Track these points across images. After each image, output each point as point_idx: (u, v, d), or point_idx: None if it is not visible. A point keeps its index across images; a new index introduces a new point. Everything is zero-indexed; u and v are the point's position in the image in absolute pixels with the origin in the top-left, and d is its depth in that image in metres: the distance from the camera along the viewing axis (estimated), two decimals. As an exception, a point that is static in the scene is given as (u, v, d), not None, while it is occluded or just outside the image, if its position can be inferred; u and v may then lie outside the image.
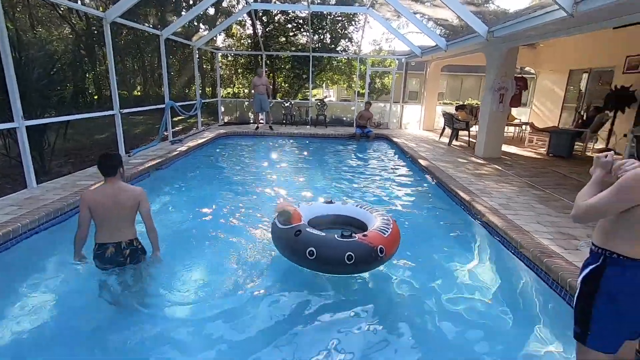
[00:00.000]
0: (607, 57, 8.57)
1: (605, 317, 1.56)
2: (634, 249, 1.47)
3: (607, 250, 1.53)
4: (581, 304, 1.62)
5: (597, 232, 1.61)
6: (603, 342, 1.58)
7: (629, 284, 1.50)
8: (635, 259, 1.47)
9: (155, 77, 19.23)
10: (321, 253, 2.74)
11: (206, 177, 6.37)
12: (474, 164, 6.95)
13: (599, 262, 1.55)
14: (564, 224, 3.85)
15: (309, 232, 2.89)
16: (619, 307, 1.53)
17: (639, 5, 3.74)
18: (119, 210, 2.61)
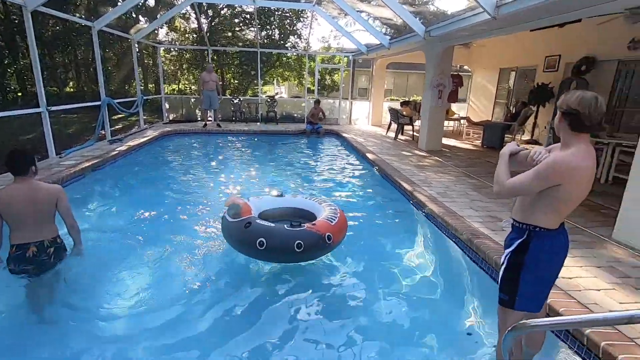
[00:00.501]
0: (530, 57, 9.47)
1: (531, 281, 1.78)
2: (550, 221, 1.71)
3: (530, 224, 1.75)
4: (509, 274, 1.82)
5: (518, 210, 1.82)
6: (530, 304, 1.81)
7: (548, 251, 1.74)
8: (551, 229, 1.72)
9: (90, 72, 17.80)
10: (271, 243, 2.84)
11: (149, 177, 6.06)
12: (417, 156, 7.35)
13: (525, 236, 1.77)
14: (493, 208, 4.23)
15: (259, 224, 2.97)
16: (542, 272, 1.78)
17: (552, 10, 4.19)
18: (37, 208, 2.48)
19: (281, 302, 2.76)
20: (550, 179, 1.61)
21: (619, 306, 2.39)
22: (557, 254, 1.77)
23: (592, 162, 1.61)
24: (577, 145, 1.61)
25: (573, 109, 1.58)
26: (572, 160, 1.57)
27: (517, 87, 10.41)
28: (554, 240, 1.74)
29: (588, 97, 1.56)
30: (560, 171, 1.59)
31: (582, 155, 1.59)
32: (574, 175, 1.58)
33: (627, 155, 5.25)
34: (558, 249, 1.76)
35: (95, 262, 3.16)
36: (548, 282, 1.81)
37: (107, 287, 2.86)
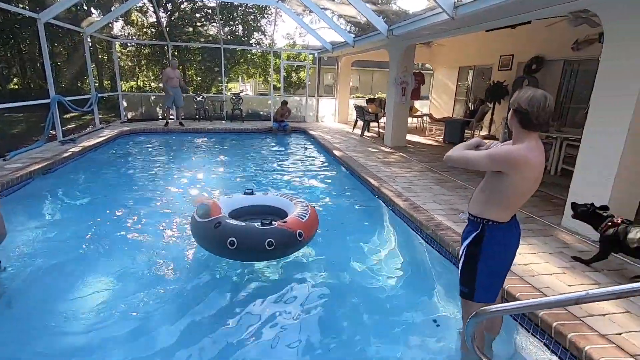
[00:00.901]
0: (486, 56, 9.95)
1: (487, 273, 1.86)
2: (501, 214, 1.80)
3: (484, 218, 1.82)
4: (467, 267, 1.90)
5: (473, 205, 1.90)
6: (487, 295, 1.88)
7: (500, 243, 1.83)
8: (502, 222, 1.80)
9: (37, 67, 16.53)
10: (242, 242, 2.81)
11: (107, 179, 5.73)
12: (383, 152, 7.51)
13: (479, 229, 1.84)
14: (455, 201, 4.42)
15: (229, 223, 2.93)
16: (496, 264, 1.86)
17: (505, 11, 4.43)
18: None
19: (251, 301, 2.74)
20: (500, 164, 1.70)
21: (568, 288, 2.58)
22: (509, 246, 1.86)
23: (541, 158, 1.70)
24: (528, 141, 1.69)
25: (523, 108, 1.66)
26: (524, 154, 1.66)
27: (475, 85, 10.90)
28: (506, 232, 1.82)
29: (538, 97, 1.64)
30: (511, 161, 1.67)
31: (532, 150, 1.68)
32: (523, 168, 1.66)
33: (573, 149, 5.66)
34: (509, 241, 1.85)
35: (47, 275, 2.97)
36: (502, 273, 1.91)
37: (62, 302, 2.65)
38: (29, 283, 2.86)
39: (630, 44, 3.10)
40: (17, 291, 2.76)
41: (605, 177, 3.31)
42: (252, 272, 3.14)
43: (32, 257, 3.21)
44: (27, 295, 2.72)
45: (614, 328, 2.14)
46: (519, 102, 1.67)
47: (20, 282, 2.86)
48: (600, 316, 2.24)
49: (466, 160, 1.81)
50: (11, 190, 4.56)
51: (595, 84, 3.41)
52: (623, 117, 3.15)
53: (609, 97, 3.29)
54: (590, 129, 3.48)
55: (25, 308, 2.57)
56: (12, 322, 2.43)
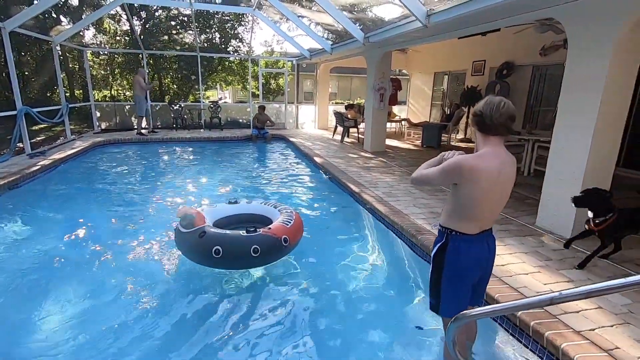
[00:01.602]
0: (460, 62, 10.25)
1: (452, 287, 1.81)
2: (464, 225, 1.76)
3: (448, 228, 1.80)
4: (433, 277, 1.86)
5: (442, 214, 1.88)
6: (452, 309, 1.80)
7: (463, 256, 1.77)
8: (467, 234, 1.76)
9: (3, 77, 15.82)
10: (227, 250, 2.83)
11: (80, 193, 5.51)
12: (363, 158, 7.57)
13: (443, 239, 1.82)
14: (434, 205, 4.49)
15: (214, 232, 2.95)
16: (458, 278, 1.80)
17: (473, 20, 4.58)
18: None
19: (233, 308, 2.70)
20: (450, 175, 1.70)
21: (543, 287, 2.66)
22: (473, 260, 1.78)
23: (493, 164, 1.65)
24: (485, 148, 1.68)
25: (478, 111, 1.68)
26: (470, 163, 1.64)
27: (451, 90, 11.20)
28: (471, 245, 1.76)
29: (493, 100, 1.66)
30: (457, 170, 1.66)
31: (482, 157, 1.66)
32: (470, 176, 1.64)
33: (544, 150, 5.88)
34: (475, 254, 1.78)
35: (15, 299, 2.81)
36: (466, 287, 1.83)
37: (29, 321, 2.53)
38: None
39: (592, 49, 3.26)
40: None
41: (575, 176, 3.45)
42: (235, 280, 3.11)
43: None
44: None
45: (588, 324, 2.21)
46: (476, 107, 1.71)
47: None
48: (574, 313, 2.31)
49: (426, 179, 1.82)
50: (-26, 207, 4.32)
51: (561, 89, 3.56)
52: (588, 118, 3.30)
53: (574, 100, 3.44)
54: (558, 130, 3.62)
55: None
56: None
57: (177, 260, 3.40)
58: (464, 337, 1.99)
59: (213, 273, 3.17)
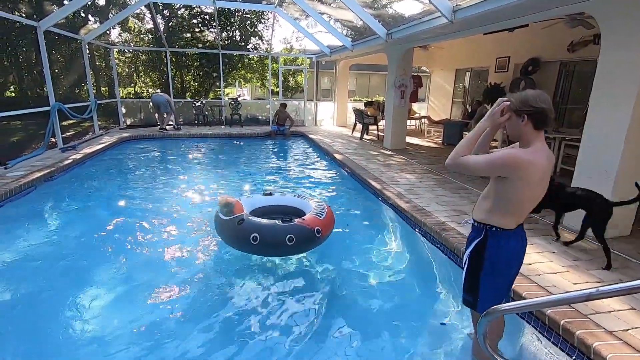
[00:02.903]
0: (482, 58, 10.05)
1: (490, 283, 1.82)
2: (505, 221, 1.76)
3: (487, 224, 1.79)
4: (470, 275, 1.87)
5: (477, 210, 1.87)
6: (490, 305, 1.76)
7: (504, 251, 1.78)
8: (507, 229, 1.76)
9: (34, 75, 16.50)
10: (264, 237, 3.00)
11: (109, 185, 5.74)
12: (383, 155, 7.55)
13: (482, 235, 1.81)
14: (457, 202, 4.45)
15: (252, 220, 3.12)
16: (499, 273, 1.81)
17: (502, 16, 4.50)
18: None
19: (254, 302, 2.78)
20: (501, 169, 1.67)
21: (573, 287, 2.62)
22: (514, 255, 1.79)
23: (546, 161, 1.66)
24: (535, 144, 1.67)
25: (539, 107, 1.63)
26: (527, 158, 1.62)
27: (472, 87, 11.00)
28: (510, 240, 1.76)
29: (543, 94, 1.64)
30: (513, 165, 1.63)
31: (537, 152, 1.65)
32: (526, 172, 1.62)
33: (571, 149, 5.73)
34: (515, 249, 1.78)
35: (50, 282, 2.98)
36: (506, 283, 1.85)
37: (66, 310, 2.64)
38: (30, 290, 2.87)
39: (627, 44, 3.16)
40: (18, 299, 2.76)
41: (606, 176, 3.36)
42: (258, 272, 3.20)
43: (36, 265, 3.22)
44: (32, 302, 2.73)
45: (621, 325, 2.17)
46: (531, 104, 1.64)
47: (21, 290, 2.87)
48: (606, 313, 2.27)
49: (466, 167, 1.73)
50: (14, 198, 4.56)
51: (594, 84, 3.46)
52: (622, 116, 3.20)
53: (607, 97, 3.35)
54: (589, 127, 3.53)
55: (31, 315, 2.58)
56: (17, 330, 2.43)
57: (205, 248, 3.55)
58: (495, 333, 1.99)
59: (241, 262, 3.29)
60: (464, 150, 1.76)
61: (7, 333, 2.39)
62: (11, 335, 2.39)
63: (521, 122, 1.68)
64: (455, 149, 1.78)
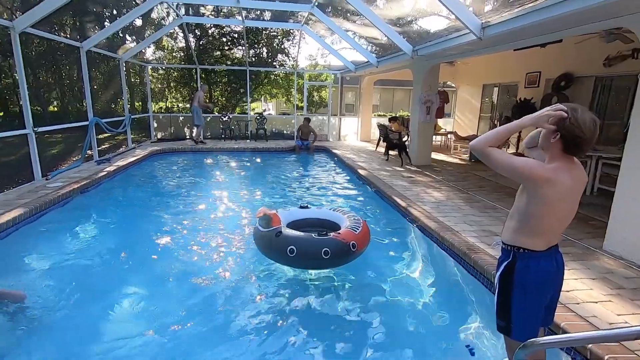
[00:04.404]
0: (511, 73, 9.83)
1: (523, 308, 1.73)
2: (532, 241, 1.69)
3: (514, 246, 1.73)
4: (502, 299, 1.78)
5: (505, 232, 1.80)
6: (525, 331, 1.72)
7: (534, 274, 1.70)
8: (536, 250, 1.69)
9: (75, 91, 17.56)
10: (300, 250, 3.05)
11: (141, 197, 5.96)
12: (408, 171, 7.44)
13: (510, 257, 1.74)
14: (486, 223, 4.29)
15: (289, 233, 3.20)
16: (532, 298, 1.72)
17: (533, 32, 4.40)
18: None
19: (280, 315, 2.75)
20: (519, 176, 1.62)
21: (616, 318, 2.44)
22: (546, 278, 1.71)
23: (571, 181, 1.59)
24: (560, 161, 1.61)
25: (577, 135, 1.55)
26: (544, 173, 1.57)
27: (500, 102, 10.75)
28: (540, 262, 1.69)
29: (592, 123, 1.55)
30: (527, 176, 1.59)
31: (561, 171, 1.58)
32: (540, 187, 1.58)
33: (609, 167, 5.44)
34: (546, 272, 1.70)
35: (84, 290, 3.09)
36: (540, 307, 1.75)
37: (98, 319, 2.74)
38: (66, 297, 2.97)
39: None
40: (55, 307, 2.86)
41: (650, 199, 3.15)
42: (284, 286, 3.18)
43: (72, 272, 3.35)
44: (65, 309, 2.82)
45: (674, 363, 1.99)
46: (575, 130, 1.56)
47: (58, 298, 2.98)
48: (656, 350, 2.09)
49: (488, 158, 1.65)
50: (53, 207, 4.80)
51: (635, 99, 3.29)
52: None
53: (651, 116, 3.17)
54: (632, 145, 3.34)
55: (65, 322, 2.67)
56: (50, 337, 2.52)
57: (237, 259, 3.66)
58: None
59: (270, 271, 3.31)
60: (493, 142, 1.67)
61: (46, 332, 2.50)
62: (49, 333, 2.50)
63: (552, 138, 1.62)
64: (486, 135, 1.70)
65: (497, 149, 1.67)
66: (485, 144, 1.67)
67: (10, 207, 4.34)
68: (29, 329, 2.51)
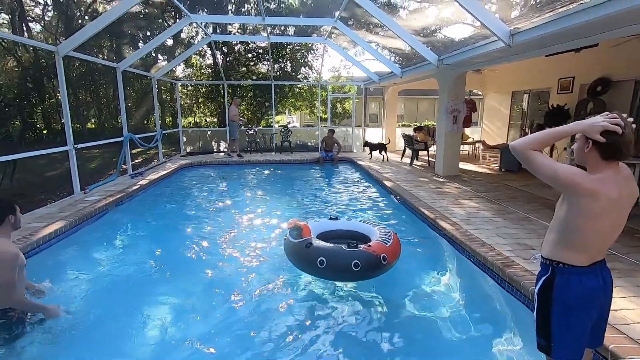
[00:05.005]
0: (542, 79, 9.49)
1: (564, 326, 1.63)
2: (573, 256, 1.60)
3: (554, 260, 1.65)
4: (541, 316, 1.70)
5: (545, 245, 1.72)
6: (567, 351, 1.64)
7: (576, 291, 1.60)
8: (577, 266, 1.60)
9: (111, 108, 18.56)
10: (330, 262, 3.05)
11: (172, 209, 6.15)
12: (435, 182, 7.28)
13: (549, 272, 1.66)
14: (521, 235, 4.10)
15: (319, 244, 3.23)
16: (574, 316, 1.62)
17: (567, 37, 4.25)
18: None
19: (309, 327, 2.71)
20: (560, 184, 1.53)
21: (674, 341, 2.23)
22: (590, 295, 1.61)
23: (617, 193, 1.50)
24: (605, 172, 1.52)
25: (615, 139, 1.48)
26: (591, 187, 1.49)
27: (531, 109, 10.38)
28: (582, 278, 1.60)
29: (622, 120, 1.50)
30: (569, 185, 1.51)
31: (606, 183, 1.49)
32: (582, 198, 1.50)
33: (656, 176, 5.09)
34: (589, 289, 1.60)
35: (118, 300, 3.20)
36: (584, 326, 1.64)
37: (131, 327, 2.81)
38: (102, 305, 3.09)
39: None
40: (89, 315, 2.97)
41: None
42: (312, 300, 3.15)
43: (105, 283, 3.47)
44: (99, 317, 2.92)
45: None
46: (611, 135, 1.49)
47: (93, 307, 3.09)
48: None
49: (530, 161, 1.57)
50: (90, 221, 5.03)
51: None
52: None
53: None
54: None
55: (100, 331, 2.76)
56: (82, 347, 2.60)
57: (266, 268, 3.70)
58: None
59: (297, 286, 3.30)
60: (537, 146, 1.58)
61: (83, 337, 2.62)
62: (86, 339, 2.61)
63: (585, 147, 1.55)
64: (530, 138, 1.61)
65: (540, 153, 1.59)
66: (527, 146, 1.59)
67: (52, 220, 4.59)
68: (63, 338, 2.59)
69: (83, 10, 16.53)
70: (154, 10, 15.83)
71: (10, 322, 2.35)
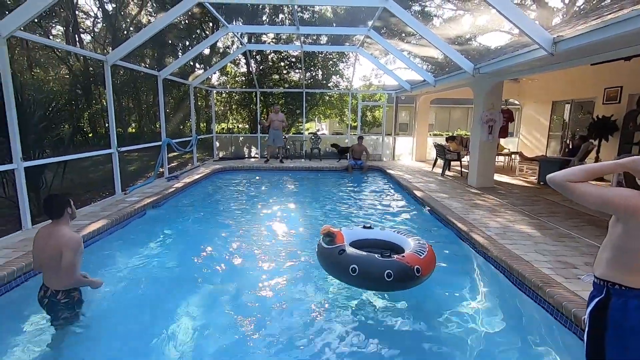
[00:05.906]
0: (587, 89, 9.03)
1: (619, 353, 1.53)
2: (631, 277, 1.50)
3: (608, 281, 1.55)
4: (593, 340, 1.61)
5: (597, 264, 1.63)
6: None
7: (633, 314, 1.50)
8: (634, 288, 1.50)
9: (151, 114, 19.52)
10: (363, 270, 3.02)
11: (205, 212, 6.35)
12: (469, 194, 7.06)
13: (603, 294, 1.56)
14: (561, 253, 3.88)
15: (352, 252, 3.20)
16: (631, 342, 1.52)
17: (615, 45, 4.03)
18: (43, 255, 2.49)
19: (335, 336, 2.69)
20: (612, 208, 1.48)
21: None
22: None
23: None
24: None
25: None
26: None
27: (574, 120, 9.88)
28: None
29: None
30: (624, 209, 1.44)
31: None
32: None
33: None
34: None
35: (152, 297, 3.33)
36: (638, 354, 1.52)
37: (163, 324, 2.92)
38: (136, 301, 3.23)
39: None
40: (130, 303, 3.10)
41: None
42: (344, 308, 3.14)
43: (140, 280, 3.63)
44: (132, 314, 3.06)
45: None
46: None
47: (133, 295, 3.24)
48: None
49: (571, 192, 1.52)
50: (130, 220, 5.28)
51: None
52: None
53: None
54: None
55: (132, 326, 2.88)
56: (109, 341, 2.72)
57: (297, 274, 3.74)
58: None
59: (329, 294, 3.30)
60: (577, 179, 1.53)
61: (119, 332, 2.76)
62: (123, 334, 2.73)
63: None
64: (569, 171, 1.56)
65: (581, 183, 1.53)
66: (565, 178, 1.54)
67: (95, 218, 4.87)
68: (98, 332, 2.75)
69: (128, 22, 17.62)
70: (193, 21, 16.59)
71: (72, 302, 2.60)
